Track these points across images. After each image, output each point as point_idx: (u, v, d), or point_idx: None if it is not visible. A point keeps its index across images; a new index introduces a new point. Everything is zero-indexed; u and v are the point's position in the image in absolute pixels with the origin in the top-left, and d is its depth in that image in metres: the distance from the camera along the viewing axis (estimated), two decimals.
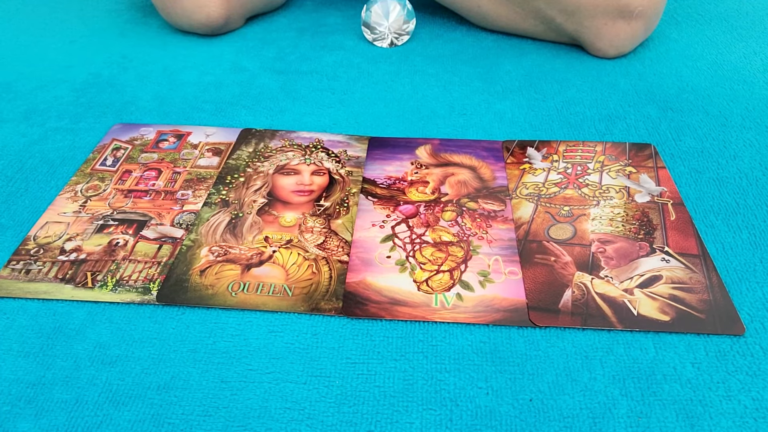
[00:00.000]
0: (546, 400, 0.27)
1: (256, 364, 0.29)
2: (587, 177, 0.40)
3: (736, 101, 0.48)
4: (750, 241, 0.35)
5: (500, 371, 0.28)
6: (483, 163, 0.41)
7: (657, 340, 0.29)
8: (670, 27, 0.61)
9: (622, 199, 0.38)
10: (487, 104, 0.48)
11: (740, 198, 0.38)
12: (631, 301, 0.31)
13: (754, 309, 0.31)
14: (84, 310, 0.32)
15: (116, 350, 0.30)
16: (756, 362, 0.28)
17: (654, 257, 0.33)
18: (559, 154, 0.42)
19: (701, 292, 0.31)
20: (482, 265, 0.33)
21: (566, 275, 0.33)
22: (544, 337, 0.30)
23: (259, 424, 0.26)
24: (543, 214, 0.37)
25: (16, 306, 0.32)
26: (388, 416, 0.26)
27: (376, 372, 0.28)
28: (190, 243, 0.35)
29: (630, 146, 0.43)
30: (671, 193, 0.38)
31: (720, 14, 0.63)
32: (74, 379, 0.28)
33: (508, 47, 0.57)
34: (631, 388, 0.27)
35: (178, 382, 0.28)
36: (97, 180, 0.40)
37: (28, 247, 0.35)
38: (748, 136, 0.44)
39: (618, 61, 0.54)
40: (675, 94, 0.49)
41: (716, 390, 0.27)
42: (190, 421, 0.26)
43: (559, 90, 0.50)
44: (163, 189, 0.39)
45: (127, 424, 0.26)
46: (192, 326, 0.31)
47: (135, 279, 0.33)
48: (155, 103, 0.49)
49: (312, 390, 0.28)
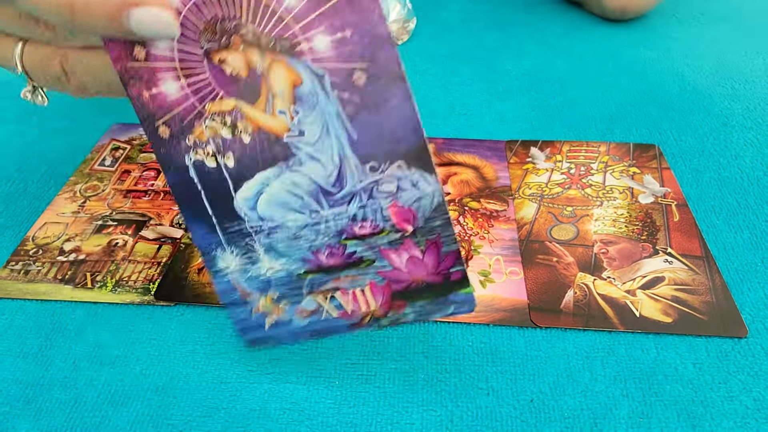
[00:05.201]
0: (547, 401, 0.27)
1: (256, 364, 0.29)
2: (591, 177, 0.40)
3: (737, 101, 0.48)
4: (751, 241, 0.35)
5: (501, 372, 0.28)
6: (486, 163, 0.41)
7: (658, 340, 0.29)
8: (671, 26, 0.60)
9: (625, 200, 0.38)
10: (488, 104, 0.48)
11: (741, 198, 0.38)
12: (634, 302, 0.31)
13: (755, 309, 0.31)
14: (83, 310, 0.31)
15: (115, 351, 0.29)
16: (757, 363, 0.28)
17: (657, 258, 0.33)
18: (562, 155, 0.42)
19: (704, 294, 0.31)
20: (483, 265, 0.33)
21: (568, 276, 0.32)
22: (544, 338, 0.30)
23: (259, 425, 0.26)
24: (546, 215, 0.37)
25: (15, 306, 0.32)
26: (388, 417, 0.26)
27: (376, 373, 0.28)
28: (189, 241, 0.35)
29: (634, 147, 0.43)
30: (675, 194, 0.38)
31: (721, 14, 0.63)
32: (73, 380, 0.28)
33: (508, 47, 0.57)
34: (632, 388, 0.27)
35: (177, 382, 0.28)
36: (95, 180, 0.40)
37: (27, 247, 0.35)
38: (750, 136, 0.44)
39: (618, 60, 0.54)
40: (676, 94, 0.49)
41: (718, 390, 0.27)
42: (190, 421, 0.26)
43: (560, 89, 0.50)
44: (162, 189, 0.39)
45: (126, 424, 0.26)
46: (191, 327, 0.31)
47: (135, 280, 0.33)
48: None
49: (312, 391, 0.27)
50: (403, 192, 0.23)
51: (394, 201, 0.23)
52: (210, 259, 0.25)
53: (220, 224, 0.24)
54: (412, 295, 0.26)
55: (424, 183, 0.23)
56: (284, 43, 0.21)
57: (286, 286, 0.26)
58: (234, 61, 0.21)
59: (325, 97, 0.22)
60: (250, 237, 0.25)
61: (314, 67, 0.21)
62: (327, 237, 0.24)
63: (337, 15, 0.20)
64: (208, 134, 0.23)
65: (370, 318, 0.26)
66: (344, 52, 0.21)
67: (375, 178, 0.23)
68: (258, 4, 0.20)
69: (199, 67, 0.22)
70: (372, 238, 0.24)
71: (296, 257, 0.25)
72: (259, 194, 0.24)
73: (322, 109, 0.22)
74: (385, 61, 0.21)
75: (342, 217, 0.24)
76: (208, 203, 0.24)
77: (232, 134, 0.22)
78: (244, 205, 0.24)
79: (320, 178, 0.23)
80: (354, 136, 0.22)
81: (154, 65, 0.22)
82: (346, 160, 0.23)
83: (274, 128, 0.22)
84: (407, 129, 0.22)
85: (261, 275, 0.25)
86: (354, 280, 0.25)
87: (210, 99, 0.22)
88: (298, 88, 0.22)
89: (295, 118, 0.22)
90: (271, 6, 0.20)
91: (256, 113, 0.22)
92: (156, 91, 0.22)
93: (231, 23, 0.21)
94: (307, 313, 0.26)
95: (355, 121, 0.22)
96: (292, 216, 0.24)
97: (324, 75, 0.21)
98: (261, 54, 0.21)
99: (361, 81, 0.21)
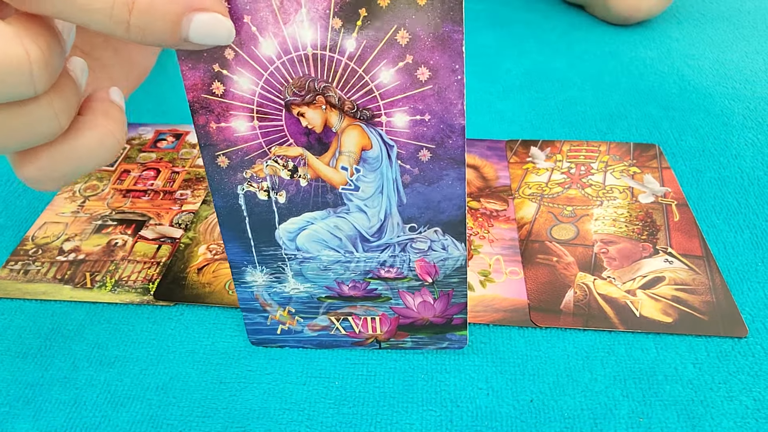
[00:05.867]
0: (547, 401, 0.27)
1: (255, 364, 0.29)
2: (591, 177, 0.40)
3: (737, 100, 0.48)
4: (752, 241, 0.35)
5: (501, 372, 0.28)
6: (486, 162, 0.41)
7: (658, 340, 0.29)
8: (672, 26, 0.60)
9: (625, 200, 0.37)
10: (488, 103, 0.48)
11: (741, 198, 0.38)
12: (634, 302, 0.31)
13: (755, 309, 0.31)
14: (83, 310, 0.31)
15: (115, 351, 0.29)
16: (757, 363, 0.28)
17: (657, 258, 0.33)
18: (562, 154, 0.42)
19: (704, 293, 0.31)
20: (483, 265, 0.33)
21: (568, 276, 0.32)
22: (544, 338, 0.30)
23: (259, 425, 0.26)
24: (546, 214, 0.37)
25: (15, 306, 0.32)
26: (388, 417, 0.26)
27: (376, 373, 0.28)
28: (188, 241, 0.35)
29: (634, 146, 0.42)
30: (675, 194, 0.38)
31: (721, 13, 0.63)
32: (72, 380, 0.28)
33: (508, 46, 0.57)
34: (632, 388, 0.27)
35: (176, 382, 0.28)
36: (95, 180, 0.40)
37: (27, 247, 0.35)
38: (750, 136, 0.44)
39: (619, 60, 0.54)
40: (676, 94, 0.49)
41: (718, 390, 0.27)
42: (189, 422, 0.26)
43: (560, 89, 0.50)
44: (162, 189, 0.39)
45: (126, 424, 0.26)
46: (191, 327, 0.31)
47: (134, 279, 0.33)
48: (153, 103, 0.49)
49: (311, 391, 0.27)
50: (433, 252, 0.26)
51: (422, 257, 0.26)
52: (239, 273, 0.27)
53: (256, 247, 0.26)
54: (415, 329, 0.28)
55: (453, 248, 0.25)
56: (366, 112, 0.22)
57: (305, 305, 0.28)
58: (312, 117, 0.22)
59: (388, 164, 0.23)
60: (282, 261, 0.26)
61: (387, 137, 0.22)
62: (354, 274, 0.26)
63: (423, 101, 0.22)
64: (267, 172, 0.24)
65: (373, 340, 0.29)
66: (419, 132, 0.22)
67: (411, 236, 0.25)
68: (352, 76, 0.21)
69: (276, 114, 0.22)
70: (394, 281, 0.27)
71: (321, 284, 0.27)
72: (302, 229, 0.25)
73: (383, 173, 0.24)
74: (452, 147, 0.23)
75: (372, 260, 0.26)
76: (250, 228, 0.25)
77: (291, 177, 0.24)
78: (284, 236, 0.25)
79: (363, 227, 0.25)
80: (404, 200, 0.24)
81: (231, 103, 0.22)
82: (390, 217, 0.25)
83: (333, 180, 0.24)
84: (452, 205, 0.24)
85: (284, 292, 0.27)
86: (368, 310, 0.28)
87: (277, 143, 0.23)
88: (367, 152, 0.23)
89: (356, 175, 0.24)
90: (364, 79, 0.21)
91: (320, 165, 0.23)
92: (225, 125, 0.22)
93: (320, 84, 0.21)
94: (319, 327, 0.28)
95: (408, 189, 0.24)
96: (327, 252, 0.26)
97: (394, 146, 0.23)
98: (340, 116, 0.22)
99: (425, 158, 0.23)
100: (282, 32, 0.20)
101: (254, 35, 0.20)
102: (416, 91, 0.21)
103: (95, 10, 0.17)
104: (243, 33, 0.20)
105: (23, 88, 0.17)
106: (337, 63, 0.21)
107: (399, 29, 0.20)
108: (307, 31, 0.20)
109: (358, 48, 0.20)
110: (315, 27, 0.20)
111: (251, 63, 0.21)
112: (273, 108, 0.22)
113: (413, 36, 0.20)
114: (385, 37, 0.20)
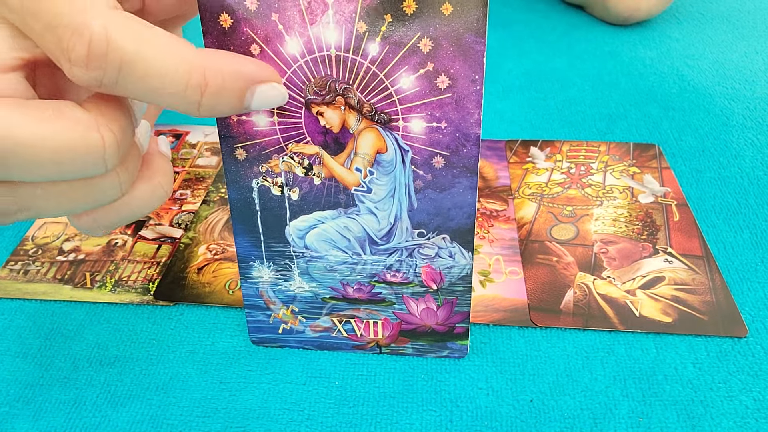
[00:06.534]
0: (547, 401, 0.27)
1: (255, 364, 0.29)
2: (591, 177, 0.40)
3: (737, 100, 0.48)
4: (751, 241, 0.35)
5: (501, 371, 0.28)
6: (486, 162, 0.41)
7: (658, 340, 0.29)
8: (671, 26, 0.60)
9: (625, 200, 0.38)
10: (488, 103, 0.48)
11: (741, 198, 0.38)
12: (633, 302, 0.31)
13: (755, 309, 0.31)
14: (82, 310, 0.31)
15: (115, 351, 0.29)
16: (757, 362, 0.28)
17: (657, 258, 0.33)
18: (562, 154, 0.42)
19: (704, 293, 0.31)
20: (483, 265, 0.33)
21: (568, 276, 0.32)
22: (544, 338, 0.30)
23: (258, 425, 0.26)
24: (545, 214, 0.37)
25: (15, 306, 0.32)
26: (388, 417, 0.26)
27: (376, 373, 0.28)
28: (188, 241, 0.35)
29: (634, 146, 0.43)
30: (675, 194, 0.38)
31: (721, 13, 0.63)
32: (72, 380, 0.28)
33: (508, 46, 0.57)
34: (632, 388, 0.27)
35: (176, 382, 0.28)
36: None
37: (27, 247, 0.35)
38: (750, 136, 0.44)
39: (618, 60, 0.54)
40: (676, 93, 0.49)
41: (717, 390, 0.27)
42: (189, 422, 0.26)
43: (560, 89, 0.50)
44: None
45: (126, 424, 0.26)
46: (191, 327, 0.31)
47: (134, 279, 0.33)
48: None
49: (311, 391, 0.27)
50: (440, 259, 0.26)
51: (429, 263, 0.26)
52: (246, 267, 0.27)
53: (266, 242, 0.26)
54: (417, 335, 0.28)
55: (460, 256, 0.26)
56: (383, 116, 0.22)
57: (308, 304, 0.28)
58: (331, 117, 0.23)
59: (401, 169, 0.24)
60: (290, 259, 0.26)
61: (402, 142, 0.23)
62: (360, 276, 0.27)
63: (441, 109, 0.22)
64: (283, 168, 0.24)
65: (374, 344, 0.29)
66: (434, 139, 0.23)
67: (419, 242, 0.25)
68: (372, 79, 0.21)
69: (295, 112, 0.23)
70: (399, 286, 0.27)
71: (326, 285, 0.27)
72: (312, 228, 0.25)
73: (396, 177, 0.24)
74: (466, 155, 0.23)
75: (379, 263, 0.26)
76: (261, 223, 0.26)
77: (305, 174, 0.24)
78: (294, 233, 0.26)
79: (372, 229, 0.25)
80: (414, 205, 0.24)
81: None
82: (400, 221, 0.25)
83: (346, 180, 0.24)
84: (462, 213, 0.24)
85: (289, 291, 0.27)
86: (371, 313, 0.28)
87: (295, 140, 0.23)
88: (381, 155, 0.23)
89: (369, 177, 0.24)
90: (384, 84, 0.21)
91: (334, 164, 0.24)
92: (245, 118, 0.23)
93: (341, 85, 0.22)
94: (321, 328, 0.28)
95: (420, 194, 0.24)
96: (335, 252, 0.26)
97: (408, 151, 0.23)
98: (358, 118, 0.22)
99: (438, 165, 0.23)
100: (307, 32, 0.20)
101: (281, 33, 0.20)
102: (435, 99, 0.22)
103: (169, 94, 0.17)
104: (270, 30, 0.20)
105: (95, 169, 0.18)
106: (359, 66, 0.21)
107: (422, 37, 0.20)
108: (332, 32, 0.20)
109: (380, 52, 0.21)
110: (340, 29, 0.20)
111: (276, 60, 0.21)
112: (293, 105, 0.22)
113: (436, 44, 0.20)
114: (408, 44, 0.20)
